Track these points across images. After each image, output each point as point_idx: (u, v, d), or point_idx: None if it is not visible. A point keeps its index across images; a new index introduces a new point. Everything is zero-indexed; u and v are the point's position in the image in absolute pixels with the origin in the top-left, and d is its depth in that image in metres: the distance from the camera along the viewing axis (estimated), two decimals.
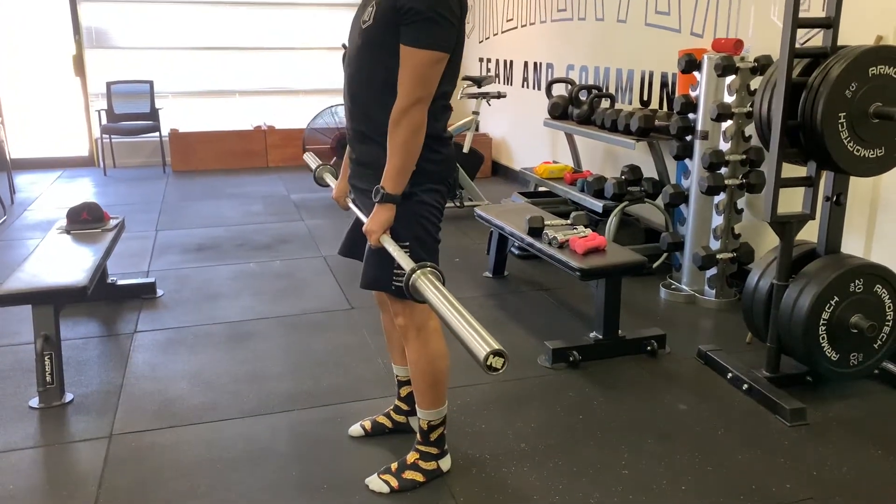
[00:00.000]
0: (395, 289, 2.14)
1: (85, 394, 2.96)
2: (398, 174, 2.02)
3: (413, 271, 1.74)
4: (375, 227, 2.04)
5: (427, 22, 1.92)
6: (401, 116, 1.98)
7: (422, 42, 1.93)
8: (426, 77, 1.96)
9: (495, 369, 1.49)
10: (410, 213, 2.11)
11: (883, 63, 2.62)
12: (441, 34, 1.94)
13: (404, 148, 2.00)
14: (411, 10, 1.91)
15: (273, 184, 7.20)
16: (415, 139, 2.00)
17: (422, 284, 1.71)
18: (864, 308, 2.80)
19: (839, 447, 2.57)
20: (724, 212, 3.82)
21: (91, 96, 7.84)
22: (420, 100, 1.97)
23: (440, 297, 1.64)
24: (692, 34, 4.42)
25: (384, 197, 2.02)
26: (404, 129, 1.98)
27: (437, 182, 2.15)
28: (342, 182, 2.47)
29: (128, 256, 4.73)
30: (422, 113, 1.98)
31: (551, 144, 6.31)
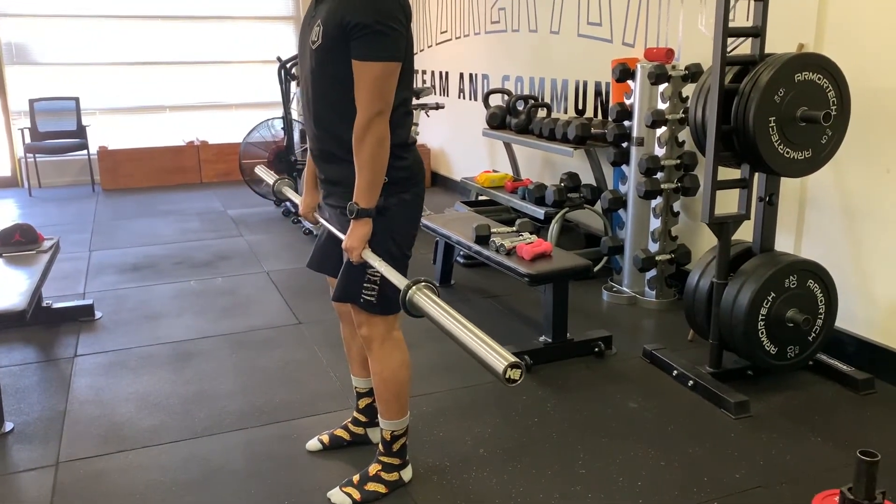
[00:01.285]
0: (363, 302, 2.15)
1: (26, 422, 2.85)
2: (369, 188, 2.03)
3: (409, 287, 1.73)
4: (355, 244, 2.04)
5: (375, 34, 1.93)
6: (364, 131, 1.99)
7: (373, 55, 1.94)
8: (383, 89, 1.98)
9: (514, 381, 1.48)
10: (383, 228, 2.11)
11: (807, 69, 2.76)
12: (390, 44, 1.96)
13: (371, 161, 2.01)
14: (358, 24, 1.92)
15: (208, 200, 7.07)
16: (380, 151, 2.01)
17: (420, 300, 1.69)
18: (798, 303, 2.94)
19: (782, 436, 2.68)
20: (662, 215, 3.95)
21: (12, 114, 7.55)
22: (380, 112, 1.98)
23: (443, 313, 1.62)
24: (624, 44, 4.56)
25: (359, 213, 2.03)
26: (369, 143, 1.99)
27: (407, 189, 2.16)
28: (308, 197, 2.44)
29: (62, 278, 4.57)
30: (384, 125, 2.00)
31: (489, 154, 6.40)
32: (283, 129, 6.35)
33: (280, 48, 7.61)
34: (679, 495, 2.34)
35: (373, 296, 2.16)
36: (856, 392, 2.99)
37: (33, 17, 7.49)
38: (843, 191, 3.23)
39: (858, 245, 3.19)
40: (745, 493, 2.35)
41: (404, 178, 2.15)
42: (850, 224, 3.21)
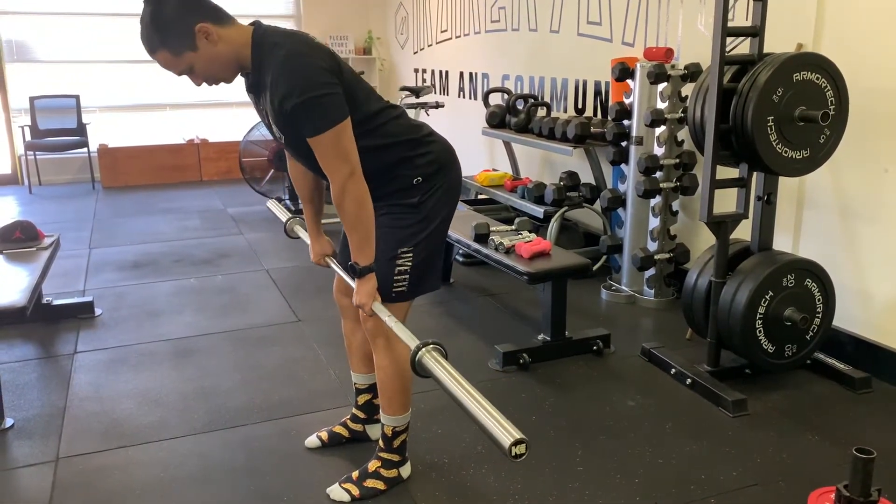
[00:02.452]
0: (395, 295, 2.18)
1: (26, 418, 2.86)
2: (363, 246, 2.07)
3: (419, 349, 1.76)
4: (364, 300, 2.08)
5: (310, 110, 1.92)
6: (341, 197, 2.01)
7: (317, 129, 1.94)
8: (341, 151, 1.97)
9: (519, 456, 1.48)
10: (417, 220, 2.16)
11: (806, 69, 2.77)
12: (329, 110, 1.93)
13: (357, 222, 2.04)
14: (292, 108, 1.92)
15: (208, 198, 7.08)
16: (362, 211, 2.03)
17: (429, 362, 1.72)
18: (796, 301, 2.95)
19: (779, 435, 2.69)
20: (660, 214, 3.96)
21: (13, 112, 7.55)
22: (350, 173, 1.99)
23: (452, 380, 1.63)
24: (623, 43, 4.57)
25: (361, 272, 2.07)
26: (349, 207, 2.01)
27: (439, 180, 2.19)
28: (316, 245, 2.47)
29: (62, 275, 4.58)
30: (357, 183, 2.00)
31: (489, 153, 6.41)
32: None
33: None
34: (676, 493, 2.35)
35: (404, 285, 2.19)
36: (853, 391, 3.00)
37: (34, 15, 7.50)
38: (840, 190, 3.24)
39: (856, 244, 3.20)
40: (741, 490, 2.36)
41: (435, 171, 2.19)
42: (848, 223, 3.22)
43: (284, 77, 1.91)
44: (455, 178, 2.27)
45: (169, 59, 1.96)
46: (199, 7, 1.94)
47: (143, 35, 1.93)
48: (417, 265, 2.19)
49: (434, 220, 2.21)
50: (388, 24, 8.50)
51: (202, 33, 1.92)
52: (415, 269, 2.19)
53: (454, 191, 2.27)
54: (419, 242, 2.19)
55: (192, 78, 2.03)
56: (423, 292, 2.28)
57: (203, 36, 1.92)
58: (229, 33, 1.97)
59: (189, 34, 1.91)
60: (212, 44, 1.94)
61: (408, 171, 2.17)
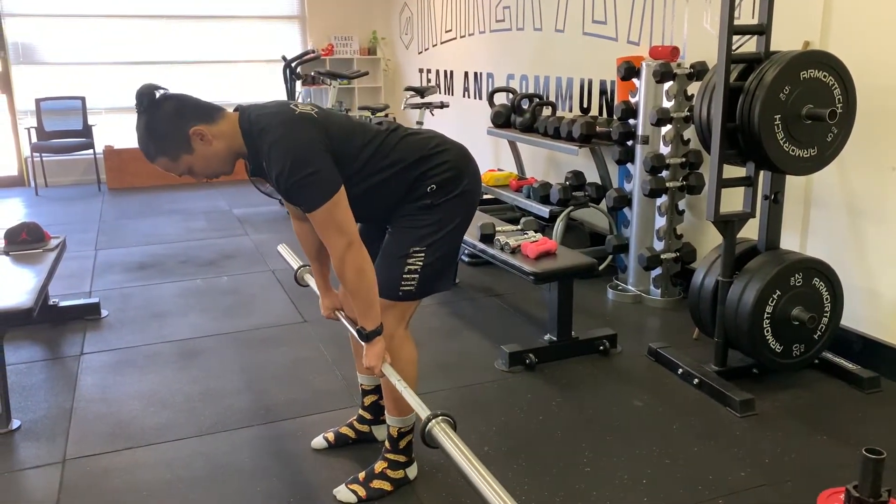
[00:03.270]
0: (402, 294, 2.18)
1: (33, 419, 2.86)
2: (367, 312, 2.08)
3: (428, 420, 1.77)
4: (374, 362, 2.09)
5: (304, 189, 1.96)
6: (341, 266, 2.02)
7: (312, 205, 1.97)
8: (337, 224, 1.99)
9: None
10: (431, 222, 2.17)
11: (813, 67, 2.76)
12: (318, 186, 1.96)
13: (358, 291, 2.05)
14: (288, 188, 1.96)
15: (214, 199, 7.08)
16: (363, 279, 2.04)
17: (438, 434, 1.74)
18: (804, 301, 2.93)
19: (787, 435, 2.68)
20: (667, 213, 3.94)
21: (19, 113, 7.58)
22: (347, 244, 2.00)
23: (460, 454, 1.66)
24: (629, 42, 4.55)
25: (368, 336, 2.08)
26: (349, 276, 2.02)
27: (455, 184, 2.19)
28: (326, 299, 2.46)
29: (68, 277, 4.59)
30: (356, 252, 2.01)
31: (494, 152, 6.40)
32: None
33: (285, 48, 7.64)
34: (684, 493, 2.34)
35: (412, 285, 2.19)
36: (861, 390, 2.98)
37: (39, 17, 7.52)
38: (848, 189, 3.22)
39: (864, 243, 3.18)
40: (750, 491, 2.35)
41: (450, 178, 2.18)
42: (856, 222, 3.20)
43: (274, 161, 1.96)
44: (472, 182, 2.26)
45: (168, 164, 2.03)
46: (191, 111, 1.99)
47: (141, 144, 2.00)
48: (428, 265, 2.18)
49: (450, 223, 2.20)
50: (393, 25, 8.50)
51: (196, 136, 1.98)
52: (425, 269, 2.18)
53: (471, 194, 2.26)
54: (433, 243, 2.18)
55: (192, 177, 2.08)
56: (432, 292, 2.27)
57: (198, 138, 1.98)
58: (221, 129, 2.02)
59: (184, 139, 1.97)
60: (206, 144, 2.00)
61: (422, 184, 2.18)
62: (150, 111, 1.97)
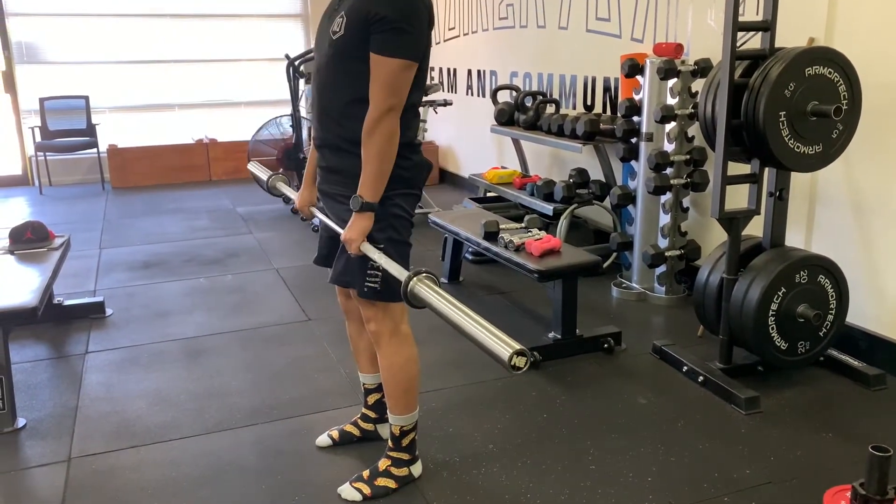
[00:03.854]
0: (367, 290, 2.15)
1: (38, 418, 2.87)
2: (375, 182, 2.03)
3: (410, 278, 1.74)
4: (355, 236, 2.05)
5: (397, 31, 1.93)
6: (374, 125, 1.99)
7: (391, 50, 1.94)
8: (397, 85, 1.98)
9: (519, 368, 1.49)
10: (384, 216, 2.13)
11: (818, 63, 2.75)
12: (410, 42, 1.96)
13: (379, 156, 2.01)
14: (383, 18, 1.93)
15: (217, 198, 7.09)
16: (389, 147, 2.01)
17: (422, 290, 1.70)
18: (809, 298, 2.92)
19: (793, 432, 2.67)
20: (671, 211, 3.93)
21: (23, 113, 7.59)
22: (392, 108, 1.98)
23: (446, 303, 1.62)
24: (632, 39, 4.54)
25: (363, 206, 2.04)
26: (378, 138, 1.99)
27: (409, 187, 2.18)
28: (306, 191, 2.43)
29: (72, 276, 4.59)
30: (394, 121, 2.00)
31: (497, 150, 6.39)
32: (292, 127, 6.36)
33: (289, 46, 7.64)
34: (689, 491, 2.34)
35: (376, 282, 2.15)
36: (867, 388, 2.97)
37: (43, 17, 7.52)
38: (853, 186, 3.21)
39: (869, 240, 3.17)
40: (755, 488, 2.34)
41: (406, 178, 2.16)
42: (861, 219, 3.19)
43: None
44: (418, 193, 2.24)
45: None
46: None
47: None
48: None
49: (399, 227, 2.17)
50: None
51: None
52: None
53: (418, 198, 2.26)
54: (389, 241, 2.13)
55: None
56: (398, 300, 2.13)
57: None
58: None
59: None
60: None
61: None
62: None
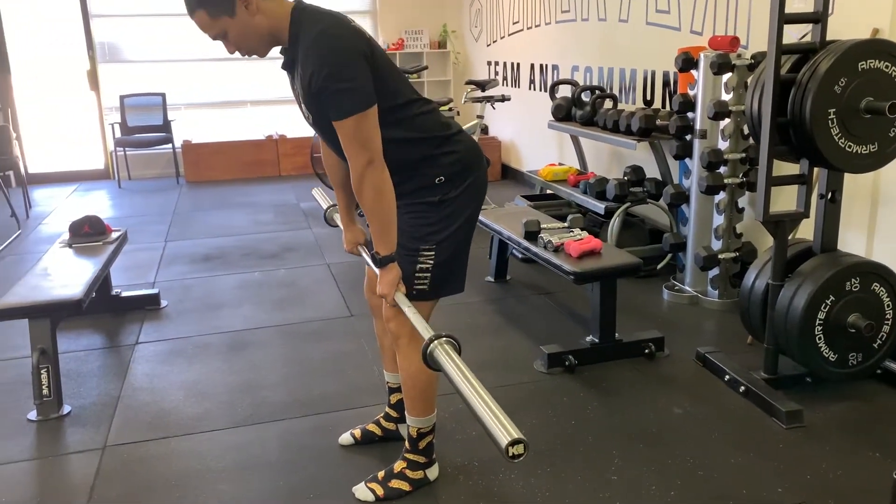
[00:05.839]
0: (416, 293, 2.16)
1: (83, 405, 2.99)
2: (382, 235, 2.04)
3: (431, 341, 1.73)
4: (387, 290, 2.07)
5: (337, 94, 1.90)
6: (360, 184, 1.99)
7: (342, 114, 1.92)
8: (362, 138, 1.95)
9: (517, 456, 1.41)
10: (440, 218, 2.14)
11: (873, 57, 2.57)
12: (355, 97, 1.91)
13: (375, 211, 2.01)
14: (320, 88, 1.91)
15: (284, 192, 7.24)
16: (381, 199, 2.00)
17: (440, 356, 1.68)
18: (861, 307, 2.74)
19: (835, 450, 2.51)
20: (725, 211, 3.77)
21: (105, 110, 7.95)
22: (369, 161, 1.96)
23: (459, 374, 1.59)
24: (692, 32, 4.37)
25: (382, 261, 2.05)
26: (368, 194, 1.99)
27: (465, 178, 2.15)
28: (348, 233, 2.48)
29: (135, 268, 4.78)
30: (377, 172, 1.97)
31: (559, 146, 6.28)
32: None
33: None
34: None
35: (425, 284, 2.17)
36: None
37: (123, 17, 7.85)
38: None
39: None
40: None
41: (459, 171, 2.15)
42: None
43: (315, 55, 1.90)
44: (480, 178, 2.22)
45: (205, 21, 1.98)
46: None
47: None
48: (440, 264, 2.16)
49: (457, 220, 2.17)
50: (464, 17, 8.46)
51: (242, 1, 1.93)
52: (437, 268, 2.16)
53: (479, 191, 2.22)
54: (442, 241, 2.15)
55: (225, 45, 2.05)
56: (445, 294, 2.24)
57: (243, 5, 1.94)
58: (270, 6, 1.97)
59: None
60: (250, 13, 1.95)
61: (431, 169, 2.13)
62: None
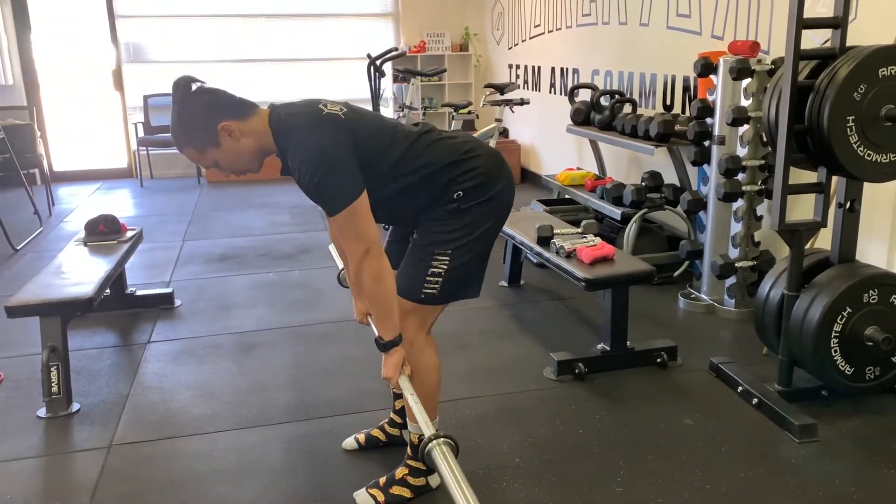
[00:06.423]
0: (424, 296, 2.16)
1: (92, 403, 3.00)
2: (384, 321, 2.05)
3: (430, 440, 1.74)
4: (391, 373, 2.07)
5: (323, 192, 1.94)
6: (358, 272, 2.00)
7: (332, 208, 1.95)
8: (356, 231, 1.96)
9: None
10: (458, 226, 2.13)
11: (894, 63, 2.50)
12: (339, 190, 1.93)
13: (375, 297, 2.02)
14: (311, 191, 1.95)
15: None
16: (380, 286, 2.00)
17: (437, 456, 1.71)
18: (879, 320, 2.67)
19: (849, 465, 2.45)
20: (743, 219, 3.70)
21: (129, 109, 8.04)
22: (366, 251, 1.96)
23: (452, 476, 1.64)
24: (713, 37, 4.31)
25: (385, 346, 2.06)
26: (367, 282, 2.00)
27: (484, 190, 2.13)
28: (360, 303, 2.47)
29: (151, 267, 4.82)
30: (374, 260, 1.98)
31: (577, 151, 6.23)
32: None
33: (379, 45, 7.70)
34: None
35: (435, 288, 2.15)
36: None
37: (148, 18, 7.93)
38: None
39: None
40: None
41: (478, 185, 2.13)
42: None
43: (298, 162, 1.95)
44: (503, 189, 2.19)
45: (195, 156, 2.05)
46: (221, 107, 2.00)
47: (172, 133, 2.04)
48: (453, 270, 2.14)
49: (476, 230, 2.15)
50: (486, 20, 8.43)
51: (224, 131, 1.99)
52: (449, 273, 2.14)
53: (501, 202, 2.20)
54: (458, 248, 2.13)
55: (219, 171, 2.11)
56: (457, 299, 2.23)
57: (226, 134, 1.99)
58: (252, 126, 2.02)
59: (212, 133, 1.99)
60: (234, 140, 2.01)
61: (452, 187, 2.12)
62: (184, 102, 1.99)
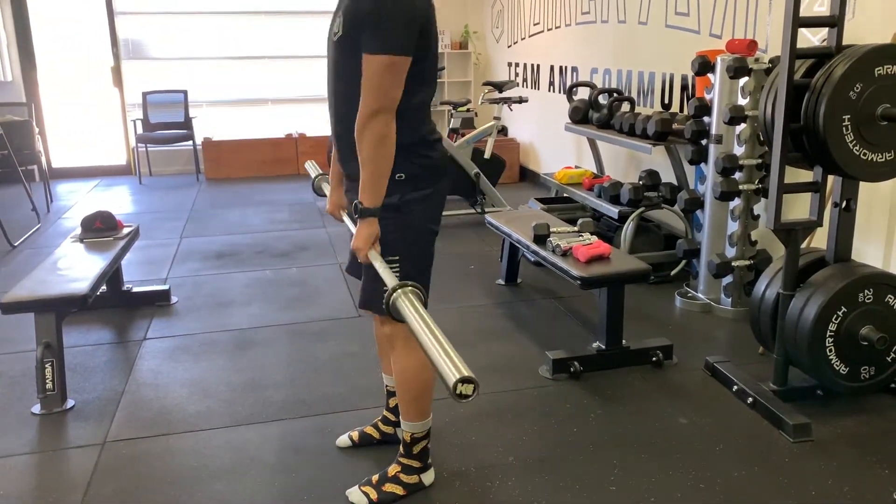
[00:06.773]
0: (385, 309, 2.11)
1: (87, 400, 3.00)
2: (370, 186, 1.98)
3: (394, 290, 1.69)
4: (361, 244, 2.01)
5: (378, 26, 1.87)
6: (362, 128, 1.94)
7: (373, 47, 1.89)
8: (384, 86, 1.91)
9: (465, 396, 1.41)
10: (401, 226, 2.07)
11: (890, 62, 2.49)
12: (396, 37, 1.88)
13: (371, 160, 1.96)
14: (369, 14, 1.88)
15: (301, 191, 7.25)
16: (380, 151, 1.95)
17: (401, 304, 1.65)
18: (874, 319, 2.67)
19: (843, 465, 2.44)
20: (740, 218, 3.70)
21: (128, 106, 8.03)
22: (379, 110, 1.92)
23: (417, 318, 1.57)
24: (711, 35, 4.30)
25: (363, 212, 1.99)
26: (367, 141, 1.94)
27: (426, 186, 2.09)
28: (333, 195, 2.42)
29: (148, 264, 4.81)
30: (383, 124, 1.93)
31: (576, 149, 6.22)
32: None
33: None
34: None
35: None
36: None
37: (147, 15, 7.93)
38: None
39: None
40: None
41: (425, 175, 2.10)
42: None
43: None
44: (443, 190, 2.17)
45: None
46: None
47: None
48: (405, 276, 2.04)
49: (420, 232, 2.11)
50: (485, 18, 8.42)
51: None
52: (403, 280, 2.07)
53: (440, 204, 2.17)
54: (407, 253, 2.08)
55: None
56: None
57: None
58: None
59: None
60: None
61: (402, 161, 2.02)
62: None
